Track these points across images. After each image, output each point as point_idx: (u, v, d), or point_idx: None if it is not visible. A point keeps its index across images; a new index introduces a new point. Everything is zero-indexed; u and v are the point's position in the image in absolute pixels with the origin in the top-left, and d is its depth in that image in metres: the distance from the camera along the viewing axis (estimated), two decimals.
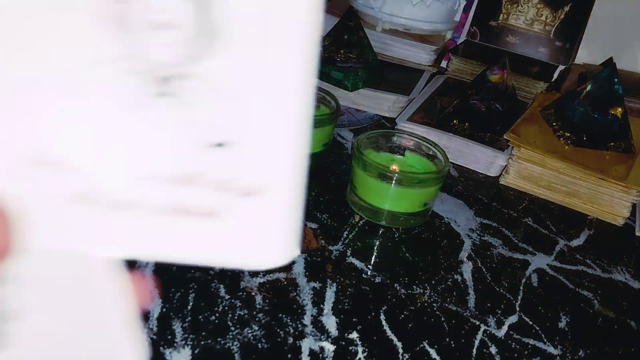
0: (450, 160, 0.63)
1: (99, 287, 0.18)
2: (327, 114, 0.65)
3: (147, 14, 0.15)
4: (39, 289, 0.17)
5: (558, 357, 0.46)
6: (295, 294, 0.47)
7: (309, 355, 0.42)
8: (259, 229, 0.17)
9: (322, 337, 0.43)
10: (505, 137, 0.66)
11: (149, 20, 0.15)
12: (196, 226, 0.17)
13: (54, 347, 0.18)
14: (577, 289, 0.54)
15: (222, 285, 0.46)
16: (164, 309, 0.43)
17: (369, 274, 0.51)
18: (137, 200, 0.17)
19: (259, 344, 0.42)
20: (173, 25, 0.15)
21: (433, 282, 0.51)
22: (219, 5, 0.15)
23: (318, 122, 0.63)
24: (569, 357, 0.46)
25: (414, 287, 0.50)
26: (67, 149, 0.16)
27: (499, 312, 0.49)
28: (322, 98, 0.68)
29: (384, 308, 0.47)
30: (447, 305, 0.49)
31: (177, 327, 0.42)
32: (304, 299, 0.47)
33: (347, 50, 0.80)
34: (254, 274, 0.47)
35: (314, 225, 0.56)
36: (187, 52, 0.15)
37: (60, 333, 0.18)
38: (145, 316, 0.41)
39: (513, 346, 0.46)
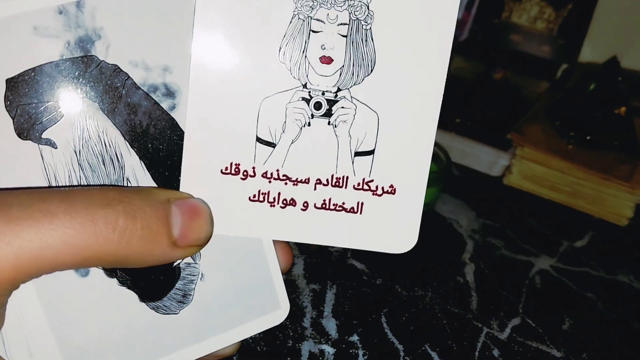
0: (452, 160, 0.62)
1: (261, 253, 0.23)
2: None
3: (320, 52, 0.21)
4: (219, 255, 0.22)
5: None
6: (294, 295, 0.46)
7: (308, 359, 0.41)
8: (389, 222, 0.22)
9: (322, 339, 0.43)
10: (508, 136, 0.66)
11: (320, 56, 0.21)
12: (343, 218, 0.22)
13: (227, 299, 0.23)
14: (580, 291, 0.53)
15: None
16: None
17: (369, 275, 0.50)
18: (301, 199, 0.21)
19: (258, 347, 0.41)
20: (334, 59, 0.21)
21: (435, 283, 0.50)
22: (366, 43, 0.21)
23: None
24: None
25: (416, 289, 0.50)
26: (249, 159, 0.21)
27: (502, 314, 0.48)
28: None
29: (384, 310, 0.47)
30: (449, 307, 0.48)
31: None
32: (303, 301, 0.46)
33: None
34: None
35: None
36: (341, 80, 0.21)
37: (232, 287, 0.23)
38: None
39: (516, 349, 0.45)
